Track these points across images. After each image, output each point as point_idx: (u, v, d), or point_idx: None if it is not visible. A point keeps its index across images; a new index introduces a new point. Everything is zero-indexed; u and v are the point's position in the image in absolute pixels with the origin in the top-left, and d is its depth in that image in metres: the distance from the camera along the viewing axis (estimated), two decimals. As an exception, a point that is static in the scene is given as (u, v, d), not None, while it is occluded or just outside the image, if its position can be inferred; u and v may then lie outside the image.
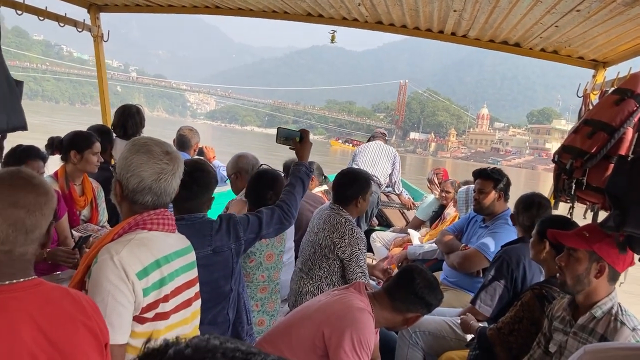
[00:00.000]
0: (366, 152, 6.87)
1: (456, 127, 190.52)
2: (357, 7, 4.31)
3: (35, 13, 4.55)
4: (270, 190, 3.43)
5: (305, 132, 3.40)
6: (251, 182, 3.49)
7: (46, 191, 1.55)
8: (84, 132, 4.08)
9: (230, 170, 4.18)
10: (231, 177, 4.19)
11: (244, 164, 4.16)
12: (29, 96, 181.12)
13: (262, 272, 3.43)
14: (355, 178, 3.85)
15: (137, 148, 2.01)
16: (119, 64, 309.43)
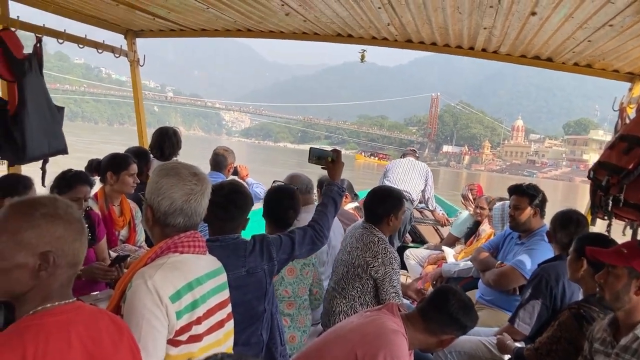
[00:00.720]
0: (398, 169, 6.83)
1: (490, 140, 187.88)
2: (387, 26, 4.33)
3: (76, 41, 4.71)
4: (290, 209, 3.42)
5: (338, 152, 3.40)
6: (269, 201, 3.48)
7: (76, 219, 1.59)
8: (121, 155, 4.18)
9: None
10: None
11: (298, 183, 4.21)
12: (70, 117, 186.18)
13: (285, 287, 3.43)
14: (388, 196, 3.82)
15: (166, 172, 2.06)
16: (155, 84, 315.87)
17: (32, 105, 4.01)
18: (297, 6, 4.07)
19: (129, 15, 4.88)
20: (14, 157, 4.04)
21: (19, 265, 1.46)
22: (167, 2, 4.31)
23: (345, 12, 4.11)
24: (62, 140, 4.39)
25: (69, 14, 4.79)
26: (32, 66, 4.09)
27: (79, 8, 4.70)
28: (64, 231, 1.51)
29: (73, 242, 1.53)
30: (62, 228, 1.51)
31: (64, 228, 1.51)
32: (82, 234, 1.57)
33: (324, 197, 3.24)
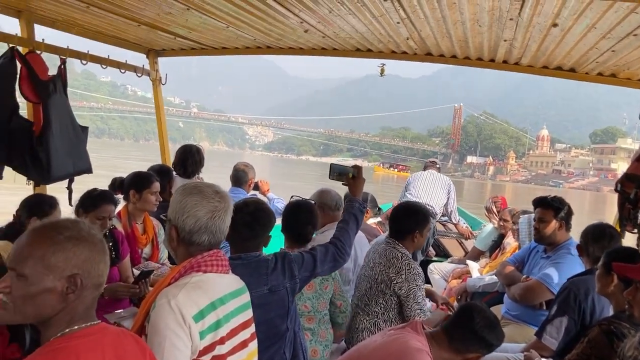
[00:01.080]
0: (419, 182, 6.77)
1: (515, 150, 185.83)
2: (406, 40, 4.32)
3: (99, 62, 4.80)
4: (308, 224, 3.40)
5: (358, 168, 3.38)
6: (287, 216, 3.46)
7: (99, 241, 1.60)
8: (144, 173, 4.22)
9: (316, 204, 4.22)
10: None
11: (327, 199, 4.20)
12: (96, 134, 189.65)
13: (304, 301, 3.39)
14: (413, 212, 3.76)
15: (189, 191, 2.08)
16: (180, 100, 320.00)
17: (57, 125, 4.09)
18: (316, 23, 4.10)
19: (150, 35, 4.96)
20: (40, 177, 4.11)
21: (47, 289, 1.48)
22: (188, 22, 4.38)
23: (364, 28, 4.12)
24: (86, 160, 4.45)
25: (92, 35, 4.90)
26: (57, 87, 4.18)
27: (102, 29, 4.79)
28: (89, 253, 1.53)
29: (98, 263, 1.55)
30: (87, 250, 1.53)
31: (89, 250, 1.53)
32: (105, 254, 1.59)
33: (344, 214, 3.21)
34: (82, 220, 1.62)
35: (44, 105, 4.05)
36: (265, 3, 3.69)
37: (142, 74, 5.46)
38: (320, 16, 3.90)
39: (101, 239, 1.60)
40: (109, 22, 4.51)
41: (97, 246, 1.56)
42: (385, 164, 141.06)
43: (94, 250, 1.55)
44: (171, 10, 4.07)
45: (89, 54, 4.55)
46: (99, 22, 4.53)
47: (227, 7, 3.88)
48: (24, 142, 3.97)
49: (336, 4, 3.57)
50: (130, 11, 4.15)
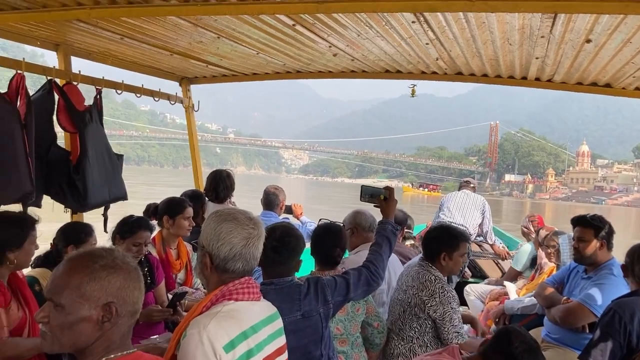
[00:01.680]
0: (453, 202, 6.68)
1: (554, 167, 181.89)
2: (436, 61, 4.31)
3: (133, 91, 4.93)
4: (337, 247, 3.35)
5: (390, 189, 3.35)
6: (315, 239, 3.44)
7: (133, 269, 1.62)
8: (177, 199, 4.28)
9: (347, 225, 4.21)
10: (347, 233, 4.21)
11: (362, 220, 4.18)
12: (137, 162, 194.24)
13: (336, 324, 3.35)
14: (440, 234, 3.71)
15: (223, 217, 2.06)
16: (217, 127, 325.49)
17: (93, 154, 4.19)
18: (345, 47, 4.12)
19: (183, 64, 5.08)
20: (77, 205, 4.20)
21: (83, 318, 1.50)
22: (219, 49, 4.46)
23: (393, 50, 4.12)
24: (121, 187, 4.54)
25: (127, 65, 5.05)
26: (93, 117, 4.29)
27: (136, 59, 4.93)
28: (124, 281, 1.55)
29: (133, 290, 1.57)
30: (122, 278, 1.55)
31: (123, 278, 1.55)
32: (140, 282, 1.61)
33: (377, 237, 3.18)
34: (116, 249, 1.65)
35: (81, 135, 4.16)
36: (294, 29, 3.74)
37: (175, 101, 5.58)
38: (348, 40, 3.92)
39: (135, 266, 1.62)
40: (143, 52, 4.63)
41: (131, 274, 1.58)
42: (414, 183, 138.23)
43: (129, 278, 1.57)
44: (203, 39, 4.16)
45: (124, 83, 4.68)
46: (133, 53, 4.66)
47: (257, 35, 3.94)
48: (62, 171, 4.08)
49: (364, 28, 3.59)
50: (163, 41, 4.26)
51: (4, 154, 3.52)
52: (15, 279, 2.93)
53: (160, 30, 3.92)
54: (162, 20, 3.66)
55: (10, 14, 3.50)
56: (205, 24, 3.73)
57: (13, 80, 3.74)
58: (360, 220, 4.16)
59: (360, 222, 4.15)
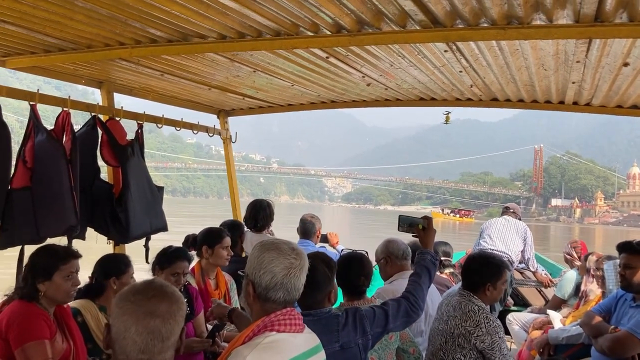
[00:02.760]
0: (494, 229, 6.56)
1: (603, 190, 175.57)
2: (470, 88, 4.31)
3: (173, 125, 5.09)
4: (361, 276, 3.32)
5: (429, 219, 3.34)
6: (339, 268, 3.42)
7: (177, 299, 1.68)
8: (215, 229, 4.34)
9: (380, 255, 4.21)
10: (380, 262, 4.20)
11: (394, 249, 4.17)
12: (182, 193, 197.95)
13: (370, 353, 3.31)
14: (485, 264, 3.63)
15: (267, 247, 2.09)
16: (261, 157, 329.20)
17: (134, 187, 4.31)
18: (378, 76, 4.17)
19: (220, 97, 5.23)
20: (120, 236, 4.32)
21: None
22: (255, 83, 4.58)
23: (426, 78, 4.14)
24: (162, 219, 4.65)
25: (167, 100, 5.23)
26: (135, 151, 4.43)
27: (175, 94, 5.11)
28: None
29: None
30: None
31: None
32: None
33: (417, 267, 3.15)
34: (158, 279, 1.72)
35: (123, 168, 4.29)
36: (328, 62, 3.81)
37: (213, 133, 5.73)
38: (381, 70, 3.97)
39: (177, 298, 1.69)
40: (182, 87, 4.79)
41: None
42: (445, 209, 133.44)
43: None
44: (239, 74, 4.28)
45: (164, 117, 4.84)
46: (172, 88, 4.83)
47: (292, 68, 4.03)
48: (105, 204, 4.21)
49: (397, 58, 3.63)
50: (202, 76, 4.41)
51: (50, 189, 3.66)
52: (61, 311, 3.02)
53: (198, 65, 4.06)
54: (200, 57, 3.79)
55: (58, 55, 3.70)
56: (242, 59, 3.84)
57: (59, 117, 3.91)
58: (393, 248, 4.14)
59: (392, 250, 4.13)
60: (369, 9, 2.70)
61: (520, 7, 2.50)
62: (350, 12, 2.75)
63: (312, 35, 3.12)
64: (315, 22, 2.94)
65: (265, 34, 3.18)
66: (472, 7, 2.57)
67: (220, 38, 3.29)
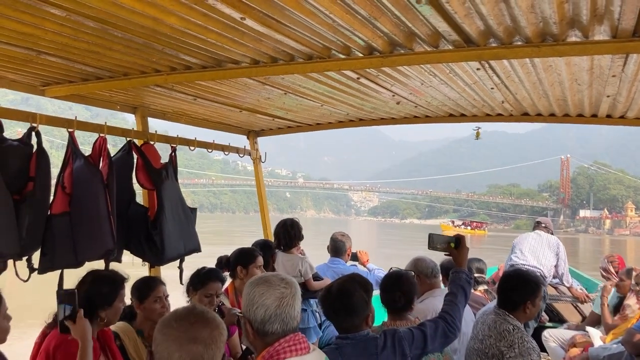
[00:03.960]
0: (525, 244, 6.46)
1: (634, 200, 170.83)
2: (501, 104, 4.29)
3: (205, 147, 5.16)
4: (406, 296, 3.32)
5: (460, 237, 3.33)
6: (383, 288, 3.39)
7: (218, 324, 1.72)
8: (247, 248, 4.40)
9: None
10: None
11: (423, 267, 4.16)
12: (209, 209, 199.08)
13: None
14: (523, 282, 3.58)
15: (256, 282, 2.13)
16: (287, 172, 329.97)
17: (169, 210, 4.36)
18: (408, 94, 4.18)
19: (250, 119, 5.29)
20: (155, 259, 4.36)
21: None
22: (285, 104, 4.63)
23: (457, 95, 4.14)
24: (195, 240, 4.70)
25: (199, 123, 5.32)
26: (169, 174, 4.49)
27: (207, 117, 5.18)
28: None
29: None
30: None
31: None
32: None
33: (452, 286, 3.15)
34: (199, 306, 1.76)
35: (158, 192, 4.34)
36: (358, 82, 3.83)
37: (244, 154, 5.79)
38: (411, 88, 3.98)
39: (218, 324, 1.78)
40: (214, 110, 4.87)
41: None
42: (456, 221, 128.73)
43: None
44: (270, 96, 4.34)
45: (197, 140, 4.91)
46: (204, 111, 4.91)
47: (322, 89, 4.07)
48: (140, 227, 4.27)
49: (428, 77, 3.64)
50: (232, 99, 4.48)
51: (88, 213, 3.72)
52: (104, 334, 3.09)
53: (231, 89, 4.13)
54: (233, 81, 3.85)
55: (95, 83, 3.79)
56: (273, 82, 3.90)
57: (96, 142, 3.99)
58: (422, 267, 4.12)
59: (422, 269, 4.10)
60: (402, 31, 2.72)
61: (556, 25, 2.48)
62: (383, 34, 2.76)
63: (344, 58, 3.14)
64: (347, 45, 2.96)
65: (298, 58, 3.21)
66: (506, 27, 2.57)
67: (253, 63, 3.33)
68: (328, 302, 2.68)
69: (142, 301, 3.49)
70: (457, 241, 3.28)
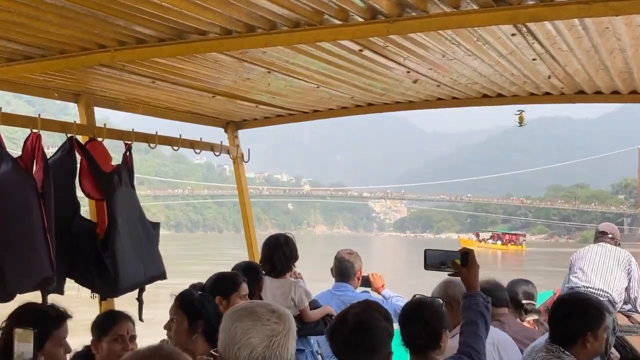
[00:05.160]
0: (587, 261, 6.41)
1: None
2: (547, 79, 4.29)
3: (169, 143, 5.20)
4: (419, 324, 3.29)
5: (468, 251, 3.38)
6: (404, 321, 3.38)
7: None
8: (228, 274, 4.37)
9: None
10: None
11: (456, 292, 4.13)
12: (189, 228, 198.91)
13: None
14: (580, 309, 3.57)
15: (239, 314, 2.12)
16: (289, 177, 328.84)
17: (123, 225, 4.39)
18: (427, 71, 4.19)
19: (227, 106, 5.34)
20: (107, 288, 4.38)
21: None
22: (271, 86, 4.65)
23: (490, 70, 4.15)
24: (159, 264, 4.72)
25: (161, 113, 5.37)
26: (122, 179, 4.52)
27: (171, 105, 5.22)
28: None
29: None
30: None
31: None
32: None
33: (469, 313, 3.20)
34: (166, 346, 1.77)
35: (109, 202, 4.38)
36: (362, 55, 3.84)
37: (220, 151, 5.80)
38: (431, 62, 3.99)
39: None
40: (179, 96, 4.91)
41: None
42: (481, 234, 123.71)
43: None
44: (250, 76, 4.36)
45: (158, 135, 4.93)
46: (167, 97, 4.95)
47: (316, 65, 4.09)
48: (87, 248, 4.29)
49: (450, 47, 3.65)
50: (203, 82, 4.50)
51: (18, 231, 3.75)
52: None
53: (198, 69, 4.14)
54: (200, 58, 3.86)
55: (23, 64, 3.81)
56: (253, 58, 3.91)
57: (28, 141, 4.01)
58: (455, 292, 4.08)
59: (454, 294, 4.08)
60: (411, -14, 2.74)
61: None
62: (387, -9, 2.78)
63: (341, 24, 3.16)
64: (343, 7, 2.98)
65: (281, 25, 3.23)
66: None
67: (224, 34, 3.35)
68: (341, 337, 2.67)
69: (99, 339, 3.50)
70: (464, 257, 3.31)
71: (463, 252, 3.35)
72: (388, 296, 5.42)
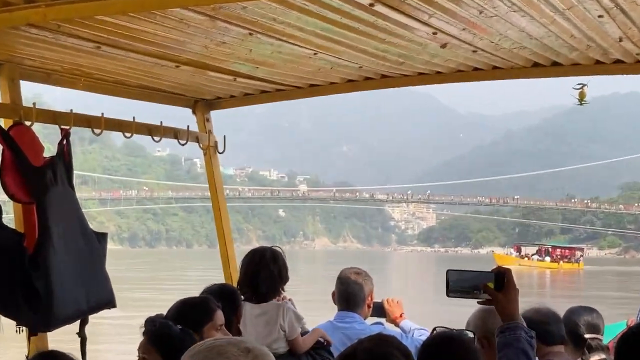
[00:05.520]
0: None
1: None
2: (618, 42, 4.29)
3: (119, 129, 5.21)
4: None
5: (504, 271, 3.40)
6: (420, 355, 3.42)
7: None
8: (196, 299, 4.36)
9: (477, 334, 4.21)
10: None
11: (497, 325, 4.16)
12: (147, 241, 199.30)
13: None
14: None
15: (204, 355, 2.09)
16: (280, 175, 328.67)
17: (59, 236, 4.39)
18: (459, 32, 4.20)
19: (196, 79, 5.35)
20: (37, 319, 4.37)
21: None
22: (252, 53, 4.65)
23: (542, 30, 4.15)
24: (105, 287, 4.72)
25: (109, 89, 5.36)
26: (57, 175, 4.52)
27: (122, 78, 5.21)
28: None
29: None
30: None
31: None
32: None
33: (508, 351, 3.25)
34: None
35: (40, 205, 4.38)
36: (373, 12, 3.83)
37: (186, 139, 5.82)
38: (465, 20, 4.00)
39: None
40: (132, 67, 4.91)
41: None
42: (524, 247, 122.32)
43: None
44: (225, 39, 4.37)
45: (105, 118, 4.93)
46: (116, 69, 4.94)
47: (313, 25, 4.09)
48: (12, 267, 4.26)
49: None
50: (163, 47, 4.50)
51: None
52: None
53: (157, 30, 4.14)
54: (160, 15, 3.85)
55: None
56: (228, 15, 3.90)
57: None
58: (494, 324, 4.11)
59: (491, 328, 4.10)
60: None
61: None
62: None
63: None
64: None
65: (265, -30, 3.25)
66: None
67: (191, -18, 3.36)
68: None
69: None
70: (499, 279, 3.33)
71: (497, 273, 3.37)
72: (408, 329, 5.43)
